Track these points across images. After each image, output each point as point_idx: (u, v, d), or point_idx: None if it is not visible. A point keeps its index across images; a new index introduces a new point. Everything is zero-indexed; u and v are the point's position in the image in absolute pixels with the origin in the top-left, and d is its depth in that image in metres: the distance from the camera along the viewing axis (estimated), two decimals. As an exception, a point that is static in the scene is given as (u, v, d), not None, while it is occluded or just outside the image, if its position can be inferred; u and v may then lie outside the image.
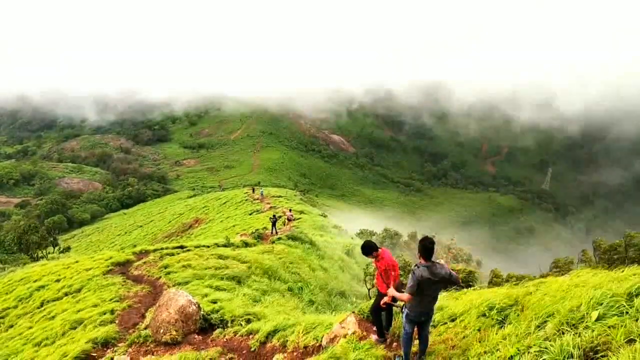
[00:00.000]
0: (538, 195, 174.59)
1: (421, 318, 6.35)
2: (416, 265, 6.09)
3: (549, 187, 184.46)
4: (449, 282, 6.22)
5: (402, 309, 6.60)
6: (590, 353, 4.56)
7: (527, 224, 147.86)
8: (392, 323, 7.98)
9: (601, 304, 5.22)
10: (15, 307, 18.79)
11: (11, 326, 16.98)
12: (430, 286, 6.03)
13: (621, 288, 5.34)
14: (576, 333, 4.94)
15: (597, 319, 5.00)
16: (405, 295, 6.13)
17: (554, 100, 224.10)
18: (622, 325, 4.67)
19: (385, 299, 7.52)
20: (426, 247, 6.02)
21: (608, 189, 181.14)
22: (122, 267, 20.31)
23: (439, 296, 6.51)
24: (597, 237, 27.37)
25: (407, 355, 6.49)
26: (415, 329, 6.46)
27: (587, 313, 5.18)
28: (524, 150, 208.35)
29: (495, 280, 20.49)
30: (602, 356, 4.44)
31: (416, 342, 6.68)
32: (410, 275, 6.02)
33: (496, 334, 6.06)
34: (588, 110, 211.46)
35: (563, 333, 5.09)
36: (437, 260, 6.14)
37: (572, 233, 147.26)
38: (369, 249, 7.41)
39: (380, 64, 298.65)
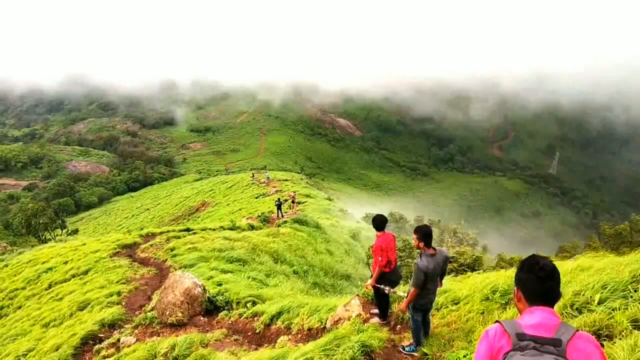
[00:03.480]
0: (545, 179, 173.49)
1: (428, 306, 6.36)
2: (419, 256, 6.03)
3: (555, 171, 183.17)
4: (447, 263, 6.22)
5: (405, 295, 6.58)
6: (594, 336, 4.55)
7: (533, 208, 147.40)
8: (389, 305, 8.00)
9: (605, 287, 5.21)
10: (24, 288, 19.02)
11: (20, 307, 17.19)
12: (435, 274, 6.01)
13: (625, 272, 5.32)
14: (580, 316, 4.93)
15: (601, 303, 4.99)
16: (411, 291, 6.05)
17: (562, 85, 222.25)
18: (625, 309, 4.66)
19: (368, 283, 7.56)
20: (427, 233, 5.97)
21: (616, 173, 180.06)
22: (129, 250, 20.49)
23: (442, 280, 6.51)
24: (603, 222, 27.28)
25: (419, 342, 6.50)
26: None
27: (591, 297, 5.17)
28: (531, 134, 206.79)
29: (502, 264, 20.51)
30: (605, 339, 4.44)
31: None
32: (414, 268, 5.97)
33: (499, 316, 6.07)
34: (597, 95, 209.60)
35: (567, 316, 5.08)
36: (439, 248, 6.11)
37: (579, 217, 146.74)
38: (379, 222, 7.41)
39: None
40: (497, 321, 2.64)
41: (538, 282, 2.59)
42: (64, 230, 57.18)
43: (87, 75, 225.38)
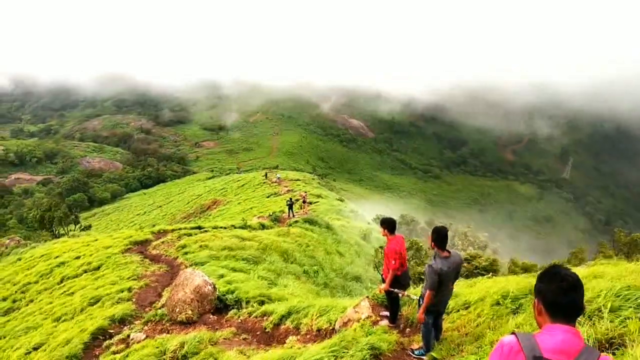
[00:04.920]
0: (558, 184, 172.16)
1: (441, 309, 6.33)
2: (433, 257, 5.99)
3: (569, 176, 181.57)
4: (461, 267, 6.18)
5: (418, 298, 6.54)
6: (606, 344, 4.52)
7: (545, 213, 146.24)
8: (399, 308, 7.96)
9: (619, 295, 5.15)
10: (36, 282, 19.18)
11: (32, 301, 17.34)
12: (450, 277, 5.98)
13: (639, 280, 5.26)
14: (591, 324, 4.88)
15: (614, 311, 4.94)
16: (427, 294, 5.97)
17: (577, 91, 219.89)
18: (638, 318, 4.60)
19: (382, 287, 7.51)
20: (443, 235, 5.94)
21: (629, 179, 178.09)
22: (140, 246, 20.57)
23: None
24: (618, 229, 26.97)
25: (429, 346, 6.47)
26: None
27: (603, 305, 5.11)
28: (545, 139, 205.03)
29: (515, 270, 20.36)
30: (616, 348, 4.40)
31: None
32: (427, 270, 5.92)
33: (509, 322, 6.03)
34: (610, 100, 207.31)
35: (578, 324, 5.03)
36: (452, 249, 6.07)
37: (591, 223, 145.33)
38: (391, 225, 7.38)
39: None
40: (513, 332, 2.50)
41: (560, 294, 2.45)
42: (77, 226, 57.71)
43: (124, 74, 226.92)
